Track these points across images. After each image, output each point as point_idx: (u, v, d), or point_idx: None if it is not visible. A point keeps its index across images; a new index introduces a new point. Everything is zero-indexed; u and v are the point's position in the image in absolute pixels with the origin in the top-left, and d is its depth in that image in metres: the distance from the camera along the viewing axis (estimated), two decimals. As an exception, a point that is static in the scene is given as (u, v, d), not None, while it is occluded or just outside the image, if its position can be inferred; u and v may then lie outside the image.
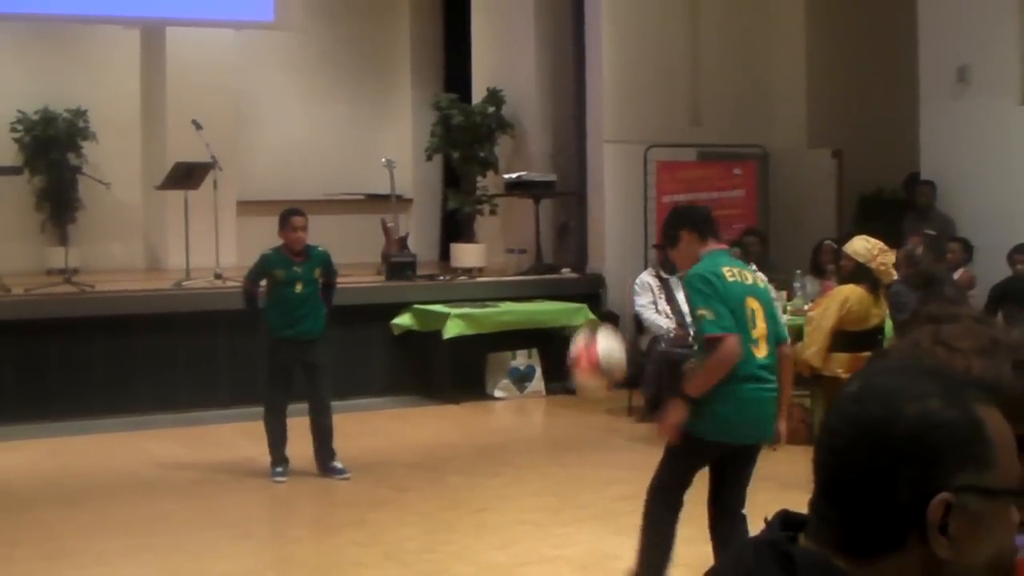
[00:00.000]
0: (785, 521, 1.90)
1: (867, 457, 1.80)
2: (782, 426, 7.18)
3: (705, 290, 6.87)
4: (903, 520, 1.78)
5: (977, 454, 1.79)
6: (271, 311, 11.12)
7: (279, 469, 11.03)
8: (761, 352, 6.92)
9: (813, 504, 1.87)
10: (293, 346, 11.00)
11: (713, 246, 7.15)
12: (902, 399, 1.80)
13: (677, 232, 7.19)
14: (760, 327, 6.93)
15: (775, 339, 7.06)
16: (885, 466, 1.78)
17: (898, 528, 1.79)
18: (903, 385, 1.83)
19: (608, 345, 7.78)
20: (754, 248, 14.28)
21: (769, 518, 1.92)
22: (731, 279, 6.93)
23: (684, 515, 7.13)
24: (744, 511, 7.14)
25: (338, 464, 11.15)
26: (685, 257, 7.18)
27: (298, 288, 11.06)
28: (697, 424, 6.88)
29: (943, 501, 1.77)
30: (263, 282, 11.30)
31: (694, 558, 7.16)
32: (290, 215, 11.17)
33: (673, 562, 7.15)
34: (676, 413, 6.92)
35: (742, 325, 6.85)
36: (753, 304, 6.95)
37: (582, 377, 7.91)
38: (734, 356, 6.77)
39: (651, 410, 13.25)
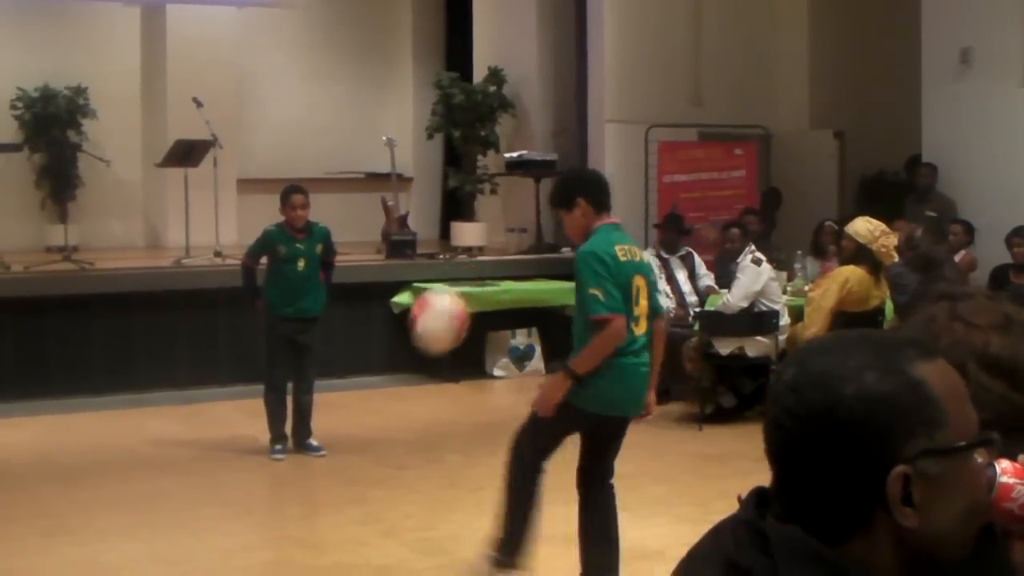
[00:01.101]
0: (760, 498, 1.89)
1: (816, 449, 1.78)
2: (651, 397, 7.29)
3: (599, 270, 6.85)
4: (865, 500, 1.77)
5: (925, 417, 1.77)
6: (272, 288, 11.10)
7: (278, 447, 11.03)
8: (641, 329, 7.00)
9: (775, 492, 1.85)
10: (292, 324, 11.01)
11: (607, 219, 7.11)
12: (837, 380, 1.77)
13: (573, 197, 7.09)
14: (643, 304, 7.00)
15: (654, 314, 7.17)
16: (836, 454, 1.76)
17: (861, 509, 1.78)
18: (836, 365, 1.79)
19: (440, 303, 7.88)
20: (753, 227, 14.27)
21: (743, 496, 1.91)
22: (623, 258, 6.93)
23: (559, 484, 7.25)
24: (612, 481, 7.28)
25: (314, 442, 11.22)
26: (578, 225, 7.11)
27: (300, 265, 11.05)
28: (577, 396, 6.95)
29: (900, 475, 1.75)
30: (262, 260, 11.30)
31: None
32: (291, 193, 11.16)
33: (536, 530, 7.35)
34: (557, 387, 7.00)
35: (628, 304, 6.91)
36: (639, 282, 7.00)
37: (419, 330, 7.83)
38: (620, 337, 6.86)
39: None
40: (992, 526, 2.00)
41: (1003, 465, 2.05)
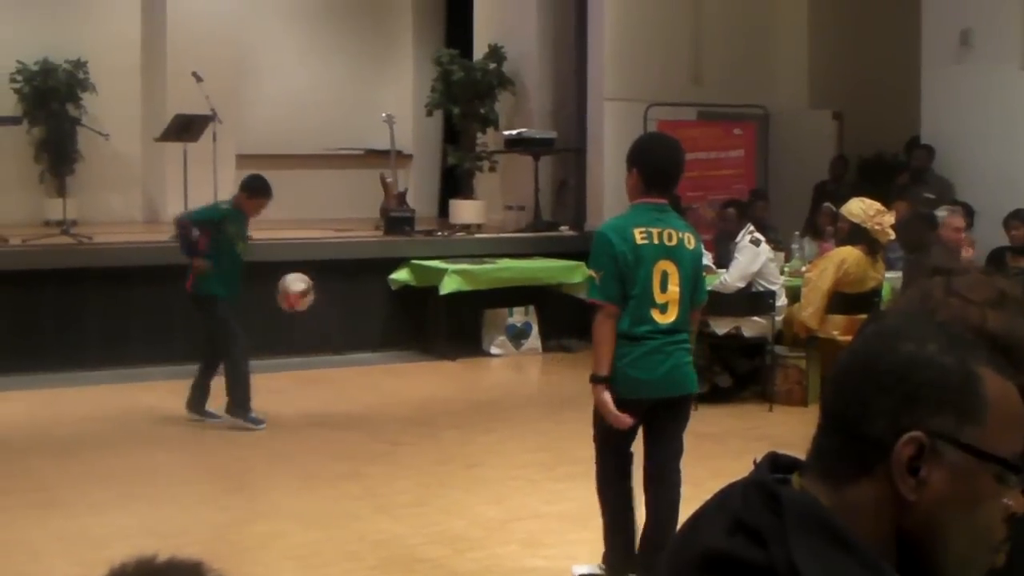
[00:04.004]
0: (774, 463, 1.89)
1: (853, 386, 1.80)
2: None
3: (603, 253, 6.74)
4: (874, 451, 1.77)
5: (963, 405, 1.76)
6: (215, 270, 11.11)
7: (254, 415, 11.15)
8: (668, 317, 6.75)
9: (813, 438, 1.87)
10: (226, 305, 11.16)
11: (647, 199, 6.84)
12: (901, 338, 1.80)
13: (631, 164, 6.92)
14: (672, 291, 6.75)
15: (695, 303, 6.96)
16: (866, 395, 1.78)
17: (869, 457, 1.78)
18: (908, 326, 1.83)
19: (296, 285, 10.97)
20: (760, 212, 14.26)
21: (758, 460, 1.91)
22: (641, 241, 6.71)
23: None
24: (678, 473, 6.99)
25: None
26: (629, 191, 6.94)
27: (240, 247, 11.21)
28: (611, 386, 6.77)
29: (913, 440, 1.75)
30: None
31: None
32: (268, 194, 11.25)
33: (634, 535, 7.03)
34: (596, 398, 6.83)
35: (648, 290, 6.70)
36: (668, 267, 6.75)
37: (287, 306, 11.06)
38: (608, 325, 6.70)
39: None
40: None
41: None
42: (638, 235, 6.72)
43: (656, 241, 6.74)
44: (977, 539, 1.80)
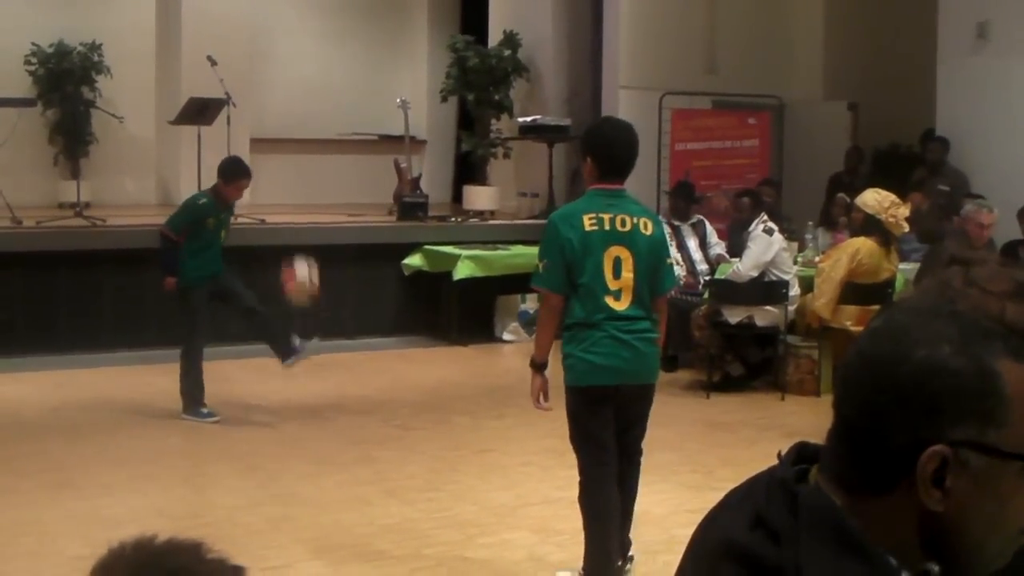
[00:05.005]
0: (800, 454, 1.87)
1: (866, 396, 1.75)
2: None
3: (549, 240, 6.72)
4: (895, 466, 1.73)
5: (984, 409, 1.71)
6: (194, 259, 10.98)
7: (205, 411, 11.02)
8: (622, 304, 6.67)
9: (827, 435, 1.84)
10: (207, 285, 11.06)
11: (601, 185, 6.80)
12: (913, 341, 1.73)
13: (584, 151, 6.93)
14: (625, 277, 6.66)
15: (656, 291, 6.83)
16: (881, 408, 1.73)
17: (890, 473, 1.74)
18: (919, 326, 1.75)
19: (302, 270, 10.82)
20: (766, 198, 14.24)
21: (783, 452, 1.89)
22: (591, 228, 6.64)
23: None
24: (639, 458, 7.09)
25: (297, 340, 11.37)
26: (585, 178, 6.95)
27: (223, 235, 11.20)
28: (567, 375, 6.80)
29: (936, 454, 1.70)
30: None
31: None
32: (245, 175, 11.17)
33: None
34: (532, 381, 6.98)
35: (599, 276, 6.64)
36: (621, 253, 6.66)
37: (290, 291, 10.90)
38: (555, 313, 6.77)
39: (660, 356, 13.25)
40: None
41: None
42: (587, 221, 6.67)
43: (607, 227, 6.67)
44: (1006, 530, 1.78)
